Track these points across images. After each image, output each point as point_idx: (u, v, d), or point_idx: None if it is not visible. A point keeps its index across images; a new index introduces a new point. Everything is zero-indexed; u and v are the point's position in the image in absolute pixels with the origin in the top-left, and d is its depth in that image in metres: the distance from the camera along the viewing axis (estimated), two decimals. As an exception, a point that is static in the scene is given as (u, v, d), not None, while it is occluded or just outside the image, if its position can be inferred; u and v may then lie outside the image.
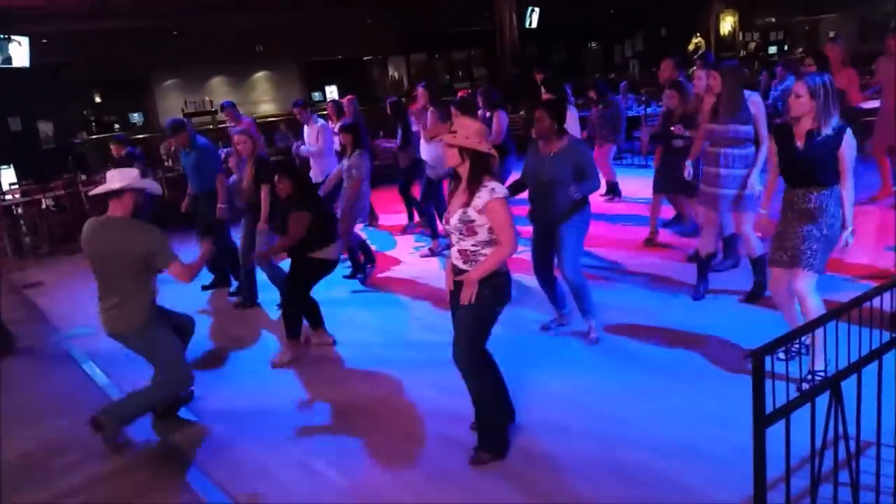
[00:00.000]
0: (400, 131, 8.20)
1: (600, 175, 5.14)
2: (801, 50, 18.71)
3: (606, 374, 4.43)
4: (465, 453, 3.66)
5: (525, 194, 4.91)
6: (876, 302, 2.46)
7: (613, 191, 9.06)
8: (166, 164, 11.89)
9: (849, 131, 3.77)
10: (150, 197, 4.49)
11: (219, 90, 18.08)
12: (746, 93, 5.11)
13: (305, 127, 8.36)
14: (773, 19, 21.34)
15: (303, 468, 3.76)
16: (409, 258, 7.70)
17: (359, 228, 7.00)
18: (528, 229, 4.95)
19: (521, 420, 3.96)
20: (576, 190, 4.59)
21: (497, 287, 3.45)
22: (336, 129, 8.01)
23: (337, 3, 15.21)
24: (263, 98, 18.96)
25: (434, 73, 21.92)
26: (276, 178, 5.20)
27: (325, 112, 9.91)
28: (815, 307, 3.79)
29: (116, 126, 16.92)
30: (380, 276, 7.09)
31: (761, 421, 2.08)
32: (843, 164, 3.77)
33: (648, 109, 11.91)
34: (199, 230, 7.00)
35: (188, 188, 7.11)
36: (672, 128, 6.41)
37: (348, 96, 9.44)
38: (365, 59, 20.64)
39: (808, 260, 3.81)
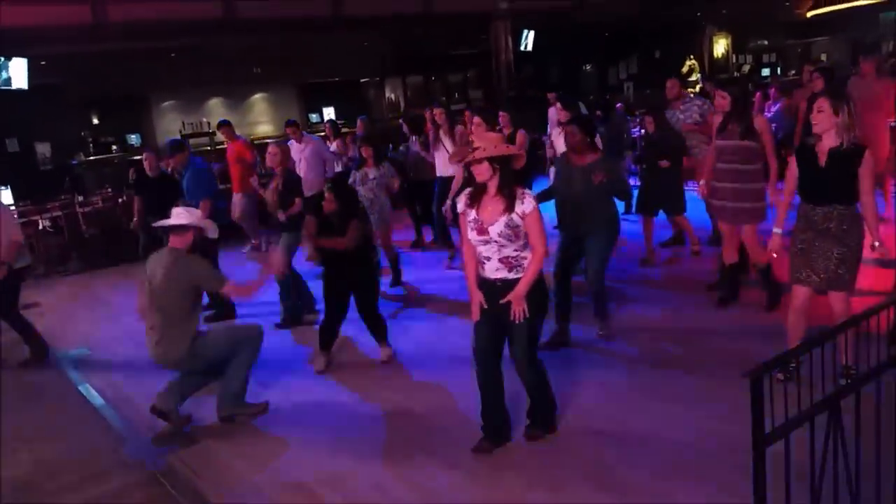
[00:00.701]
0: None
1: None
2: (793, 72, 18.92)
3: (604, 393, 4.42)
4: (463, 476, 3.65)
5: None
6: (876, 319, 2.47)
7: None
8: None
9: (868, 152, 3.82)
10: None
11: (216, 111, 18.14)
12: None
13: (294, 143, 8.53)
14: (766, 42, 21.61)
15: (299, 489, 3.74)
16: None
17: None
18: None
19: (520, 439, 3.96)
20: (603, 174, 4.86)
21: (543, 292, 3.75)
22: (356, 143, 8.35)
23: (334, 26, 15.32)
24: (261, 119, 19.02)
25: (430, 94, 22.06)
26: (327, 193, 5.29)
27: (322, 133, 10.09)
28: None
29: (114, 147, 16.93)
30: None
31: (761, 441, 2.08)
32: (863, 185, 3.82)
33: (643, 131, 11.98)
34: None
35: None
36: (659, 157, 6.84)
37: (361, 116, 9.91)
38: (362, 80, 20.76)
39: (847, 284, 3.94)
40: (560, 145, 6.40)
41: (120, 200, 11.04)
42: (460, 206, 3.75)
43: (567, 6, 17.59)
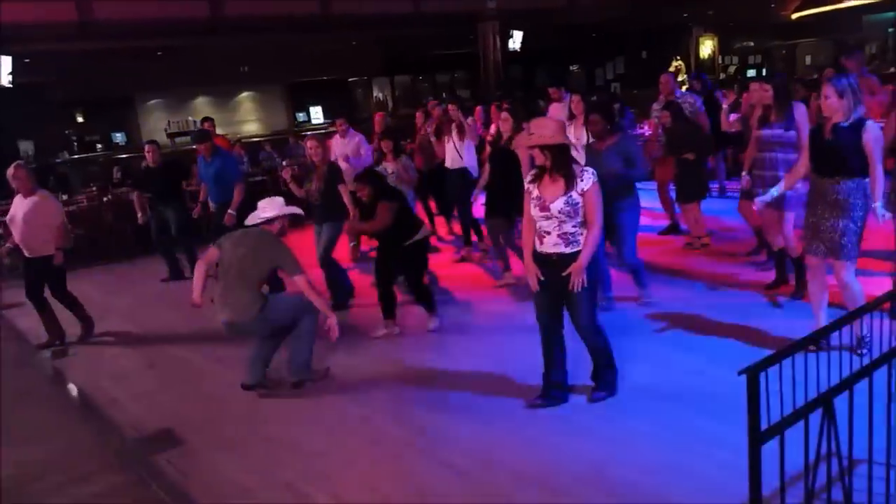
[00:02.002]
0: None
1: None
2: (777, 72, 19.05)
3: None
4: (458, 477, 3.64)
5: None
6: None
7: None
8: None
9: (870, 121, 4.18)
10: None
11: (203, 110, 18.04)
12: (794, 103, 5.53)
13: (340, 140, 8.43)
14: (752, 43, 21.75)
15: (291, 491, 3.71)
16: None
17: None
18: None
19: (510, 440, 3.95)
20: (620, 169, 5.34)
21: (596, 261, 4.07)
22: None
23: (321, 25, 15.27)
24: (248, 118, 18.95)
25: (418, 94, 22.04)
26: (357, 184, 5.75)
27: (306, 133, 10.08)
28: (858, 291, 4.29)
29: (99, 146, 16.80)
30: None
31: (757, 438, 2.08)
32: (868, 150, 4.12)
33: (631, 131, 12.02)
34: (214, 237, 7.07)
35: (200, 196, 7.66)
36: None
37: (379, 113, 9.98)
38: (349, 80, 20.72)
39: (849, 252, 4.24)
40: (572, 137, 6.60)
41: (105, 199, 10.95)
42: (526, 185, 4.12)
43: (555, 7, 17.65)
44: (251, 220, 4.92)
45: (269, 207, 4.90)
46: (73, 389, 5.47)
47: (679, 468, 3.49)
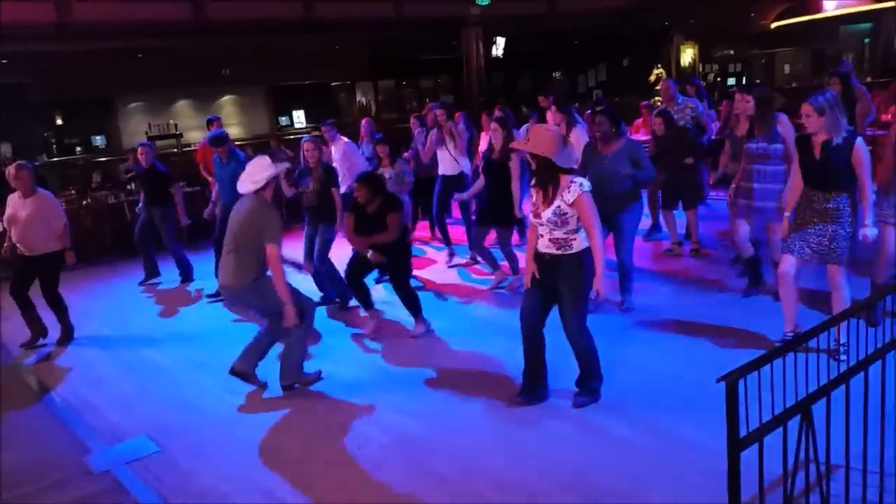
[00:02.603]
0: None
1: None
2: (758, 81, 19.27)
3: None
4: (440, 484, 3.63)
5: None
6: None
7: None
8: (128, 186, 11.65)
9: (859, 139, 4.29)
10: None
11: (184, 113, 17.92)
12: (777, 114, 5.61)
13: (332, 146, 8.37)
14: (732, 52, 21.99)
15: (270, 498, 3.68)
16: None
17: None
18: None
19: (492, 446, 3.95)
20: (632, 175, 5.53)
21: (589, 265, 4.13)
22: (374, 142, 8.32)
23: (304, 29, 15.22)
24: (230, 122, 18.79)
25: (402, 99, 22.05)
26: (357, 185, 5.76)
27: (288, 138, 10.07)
28: (848, 296, 4.45)
29: (78, 149, 16.62)
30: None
31: (735, 445, 2.09)
32: (859, 170, 4.27)
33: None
34: (217, 237, 7.27)
35: (213, 196, 7.75)
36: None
37: (366, 118, 9.95)
38: (332, 84, 20.67)
39: (841, 257, 4.37)
40: None
41: (84, 203, 10.83)
42: (530, 188, 4.26)
43: (537, 13, 17.73)
44: (242, 187, 4.87)
45: (258, 171, 4.85)
46: (49, 395, 5.39)
47: (660, 474, 3.51)
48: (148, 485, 3.92)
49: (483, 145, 8.37)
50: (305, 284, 6.41)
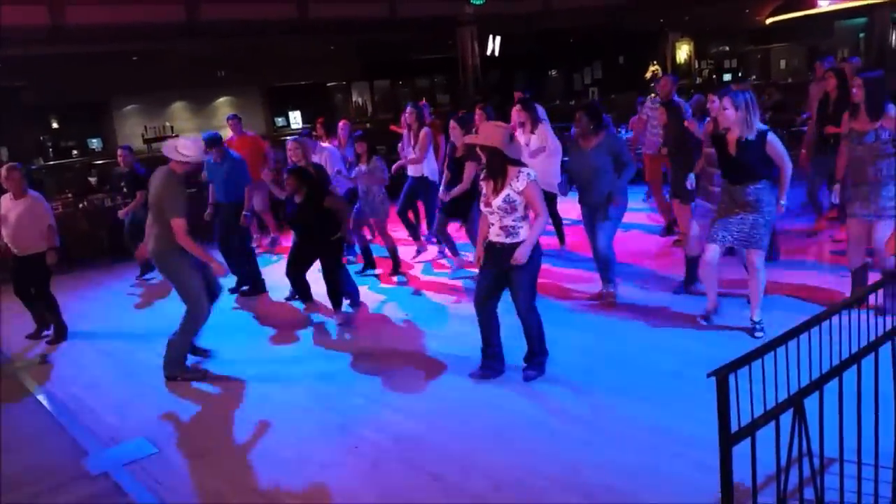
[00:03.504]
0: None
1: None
2: (754, 77, 19.29)
3: (573, 394, 4.44)
4: (435, 482, 3.63)
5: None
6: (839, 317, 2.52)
7: None
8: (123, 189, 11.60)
9: (770, 134, 4.68)
10: None
11: (180, 115, 17.88)
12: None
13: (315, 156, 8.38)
14: (727, 48, 22.00)
15: (266, 499, 3.68)
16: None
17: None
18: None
19: (486, 444, 3.95)
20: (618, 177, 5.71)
21: (538, 251, 4.53)
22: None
23: (299, 29, 15.20)
24: (226, 123, 18.76)
25: (398, 99, 22.02)
26: (286, 177, 6.11)
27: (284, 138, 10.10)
28: (764, 277, 4.96)
29: (74, 152, 16.58)
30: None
31: (727, 440, 2.10)
32: (777, 161, 4.71)
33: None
34: (220, 237, 7.60)
35: (210, 198, 7.82)
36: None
37: (343, 120, 9.87)
38: (328, 84, 20.64)
39: (760, 242, 4.83)
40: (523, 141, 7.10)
41: (81, 206, 10.81)
42: (480, 180, 4.64)
43: (532, 12, 17.72)
44: (166, 149, 5.23)
45: (188, 148, 5.20)
46: (47, 398, 5.38)
47: (655, 469, 3.51)
48: (145, 487, 3.92)
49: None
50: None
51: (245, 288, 7.62)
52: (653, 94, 8.85)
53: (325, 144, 8.32)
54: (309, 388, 5.02)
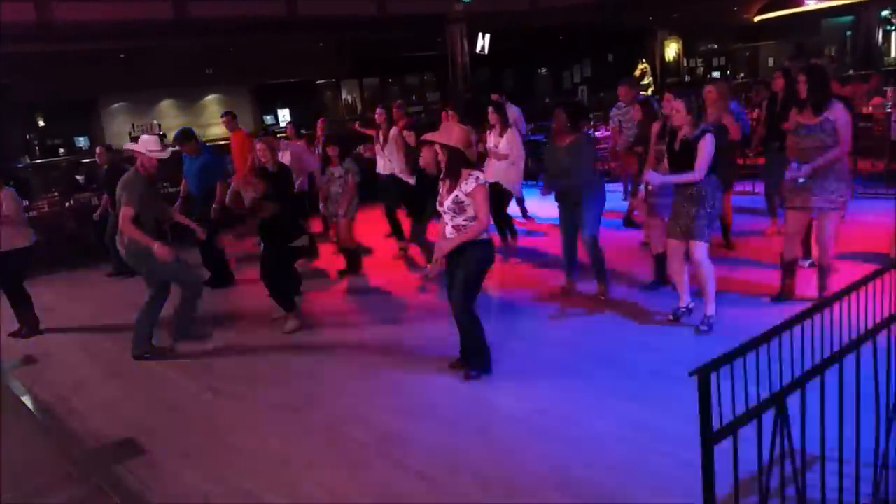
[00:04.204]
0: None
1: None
2: (742, 74, 19.38)
3: (561, 394, 4.45)
4: (423, 482, 3.64)
5: None
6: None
7: None
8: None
9: (708, 135, 4.91)
10: None
11: (168, 113, 17.82)
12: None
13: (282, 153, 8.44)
14: (715, 46, 22.09)
15: (253, 499, 3.67)
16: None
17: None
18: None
19: (474, 443, 3.96)
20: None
21: (484, 253, 4.57)
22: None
23: (288, 27, 15.16)
24: (214, 121, 18.69)
25: (387, 97, 21.99)
26: (253, 178, 6.10)
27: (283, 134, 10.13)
28: (709, 269, 5.08)
29: (62, 150, 16.49)
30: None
31: (709, 438, 2.10)
32: (698, 154, 4.89)
33: (597, 133, 12.13)
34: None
35: (182, 191, 7.95)
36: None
37: (321, 118, 10.02)
38: (318, 82, 20.60)
39: (701, 234, 5.00)
40: (491, 143, 7.51)
41: (67, 204, 10.75)
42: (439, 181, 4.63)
43: (521, 10, 17.73)
44: (129, 146, 5.77)
45: (151, 143, 5.61)
46: (32, 400, 5.35)
47: (642, 468, 3.53)
48: (131, 488, 3.90)
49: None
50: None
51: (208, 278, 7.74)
52: (643, 93, 8.93)
53: (292, 143, 8.45)
54: (295, 388, 5.01)
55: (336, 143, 7.59)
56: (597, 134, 12.04)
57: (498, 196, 7.35)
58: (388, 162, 8.27)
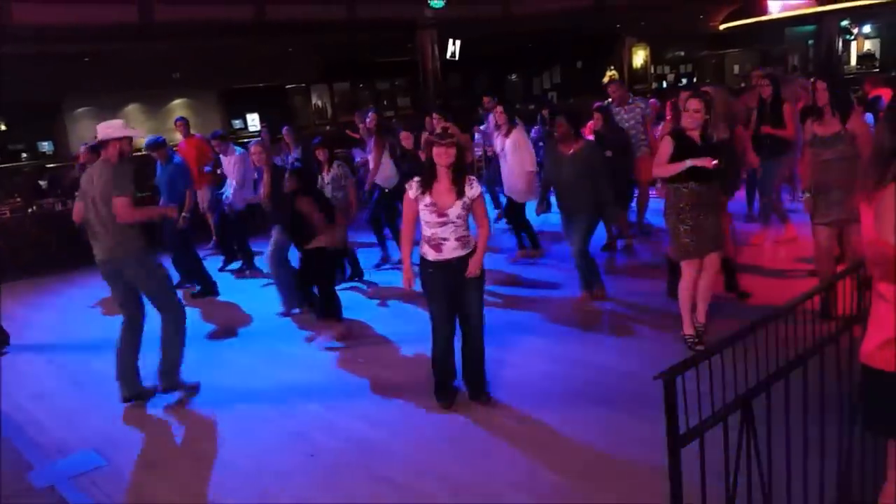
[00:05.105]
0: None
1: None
2: (708, 81, 19.67)
3: (530, 398, 4.45)
4: (394, 490, 3.61)
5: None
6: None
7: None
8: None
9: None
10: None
11: (134, 118, 17.52)
12: None
13: (223, 158, 8.38)
14: (682, 53, 22.42)
15: (220, 509, 3.61)
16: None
17: None
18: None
19: (444, 449, 3.94)
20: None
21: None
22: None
23: (256, 31, 15.03)
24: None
25: (358, 102, 21.92)
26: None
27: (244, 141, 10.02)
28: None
29: (24, 155, 16.15)
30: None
31: (675, 441, 2.12)
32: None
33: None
34: (165, 239, 7.50)
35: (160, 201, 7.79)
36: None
37: (286, 125, 9.85)
38: (287, 87, 20.44)
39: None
40: (498, 146, 7.43)
41: (30, 210, 10.52)
42: (412, 193, 4.12)
43: (491, 16, 17.80)
44: (101, 134, 4.82)
45: (106, 130, 4.79)
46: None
47: (612, 472, 3.54)
48: (93, 500, 3.81)
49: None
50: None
51: (197, 290, 7.63)
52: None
53: (237, 149, 8.45)
54: (265, 395, 4.94)
55: (326, 146, 7.27)
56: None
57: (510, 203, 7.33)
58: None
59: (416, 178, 4.19)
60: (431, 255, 4.18)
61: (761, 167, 7.08)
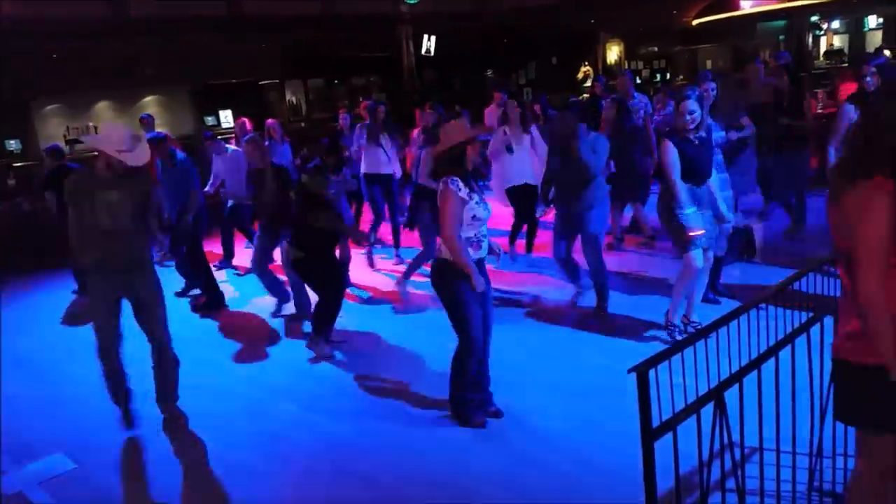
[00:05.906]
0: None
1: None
2: (681, 77, 19.83)
3: (508, 393, 4.44)
4: (374, 489, 3.58)
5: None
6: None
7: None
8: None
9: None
10: None
11: (104, 115, 17.22)
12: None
13: (215, 157, 8.24)
14: (656, 48, 22.56)
15: (193, 511, 3.56)
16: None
17: None
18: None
19: (424, 448, 3.92)
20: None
21: None
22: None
23: (229, 26, 14.86)
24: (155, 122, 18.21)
25: (333, 98, 21.78)
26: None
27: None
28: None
29: (-11, 154, 15.81)
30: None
31: (649, 435, 2.12)
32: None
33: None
34: (170, 245, 6.77)
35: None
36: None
37: (270, 119, 9.67)
38: (261, 83, 20.24)
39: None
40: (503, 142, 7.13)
41: (-4, 210, 10.33)
42: (463, 194, 3.78)
43: (467, 12, 17.79)
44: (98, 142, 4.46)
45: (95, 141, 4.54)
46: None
47: (588, 465, 3.55)
48: (62, 502, 3.74)
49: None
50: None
51: (197, 295, 7.14)
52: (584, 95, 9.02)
53: (231, 147, 8.27)
54: (239, 396, 4.88)
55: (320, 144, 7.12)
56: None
57: (529, 198, 6.93)
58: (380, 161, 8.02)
59: (456, 178, 3.81)
60: (473, 254, 3.88)
61: (786, 160, 6.95)
